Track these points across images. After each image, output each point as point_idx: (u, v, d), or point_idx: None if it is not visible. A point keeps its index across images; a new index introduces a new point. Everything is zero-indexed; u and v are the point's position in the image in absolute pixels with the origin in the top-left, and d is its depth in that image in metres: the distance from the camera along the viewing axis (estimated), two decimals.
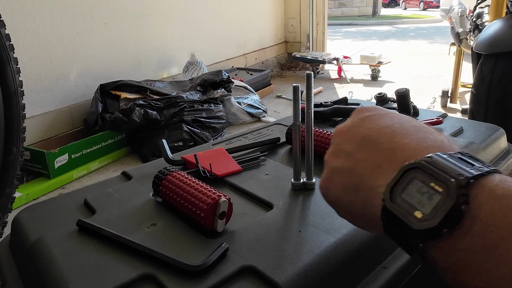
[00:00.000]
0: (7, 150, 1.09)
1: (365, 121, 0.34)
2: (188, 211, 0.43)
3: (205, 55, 2.80)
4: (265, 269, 0.36)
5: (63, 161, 1.68)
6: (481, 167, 0.25)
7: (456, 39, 2.54)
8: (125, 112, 1.85)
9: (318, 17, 3.89)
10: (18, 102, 1.10)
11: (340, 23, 10.22)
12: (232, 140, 0.71)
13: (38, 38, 1.86)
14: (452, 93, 2.63)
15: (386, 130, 0.32)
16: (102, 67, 2.20)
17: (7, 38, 1.05)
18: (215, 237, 0.41)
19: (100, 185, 0.55)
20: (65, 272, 0.37)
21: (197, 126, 2.00)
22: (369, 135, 0.32)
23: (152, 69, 2.53)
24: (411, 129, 0.31)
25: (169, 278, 0.35)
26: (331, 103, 0.82)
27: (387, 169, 0.29)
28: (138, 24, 2.39)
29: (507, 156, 0.69)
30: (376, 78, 3.39)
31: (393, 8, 16.84)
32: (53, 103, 1.96)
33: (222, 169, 0.56)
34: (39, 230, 0.45)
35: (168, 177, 0.47)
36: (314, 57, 3.49)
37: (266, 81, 3.02)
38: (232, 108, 2.32)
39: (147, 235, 0.42)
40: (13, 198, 1.13)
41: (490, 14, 1.62)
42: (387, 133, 0.32)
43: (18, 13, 1.76)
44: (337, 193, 0.33)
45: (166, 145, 0.62)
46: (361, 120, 0.35)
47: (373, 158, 0.31)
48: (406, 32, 8.09)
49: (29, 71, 1.82)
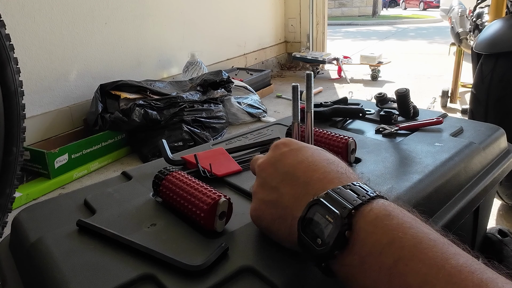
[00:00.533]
0: (7, 150, 1.09)
1: (284, 156, 0.40)
2: (188, 211, 0.43)
3: (205, 55, 2.80)
4: (265, 269, 0.36)
5: (63, 161, 1.68)
6: (364, 196, 0.31)
7: (456, 39, 2.54)
8: (125, 112, 1.85)
9: (318, 17, 3.89)
10: (18, 102, 1.10)
11: (340, 23, 10.22)
12: (232, 140, 0.71)
13: (38, 38, 1.86)
14: (452, 93, 2.63)
15: (302, 165, 0.38)
16: (102, 67, 2.20)
17: (7, 38, 1.05)
18: (215, 237, 0.41)
19: (100, 185, 0.55)
20: (65, 272, 0.37)
21: (197, 126, 2.00)
22: (288, 170, 0.38)
23: (152, 69, 2.53)
24: (322, 162, 0.37)
25: (169, 278, 0.35)
26: (331, 103, 0.82)
27: (304, 201, 0.34)
28: (138, 24, 2.39)
29: (507, 156, 0.69)
30: (376, 78, 3.39)
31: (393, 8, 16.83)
32: (53, 103, 1.96)
33: (222, 169, 0.56)
34: (39, 230, 0.45)
35: (168, 177, 0.47)
36: (314, 57, 3.49)
37: (266, 81, 3.02)
38: (232, 108, 2.32)
39: (147, 235, 0.42)
40: (13, 198, 1.13)
41: (490, 14, 1.62)
42: (303, 168, 0.38)
43: (18, 13, 1.76)
44: (267, 222, 0.39)
45: (166, 145, 0.62)
46: (281, 155, 0.40)
47: (293, 191, 0.37)
48: (406, 32, 8.08)
49: (29, 71, 1.82)
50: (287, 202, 0.37)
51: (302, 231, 0.33)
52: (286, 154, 0.40)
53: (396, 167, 0.56)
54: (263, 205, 0.39)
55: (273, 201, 0.38)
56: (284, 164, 0.39)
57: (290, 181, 0.37)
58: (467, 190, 0.57)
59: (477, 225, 0.69)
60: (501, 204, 1.37)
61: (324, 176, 0.36)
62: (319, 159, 0.38)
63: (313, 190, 0.35)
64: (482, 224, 0.72)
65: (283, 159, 0.40)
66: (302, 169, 0.37)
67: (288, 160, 0.39)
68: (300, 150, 0.40)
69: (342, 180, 0.35)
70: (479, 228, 0.70)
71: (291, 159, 0.39)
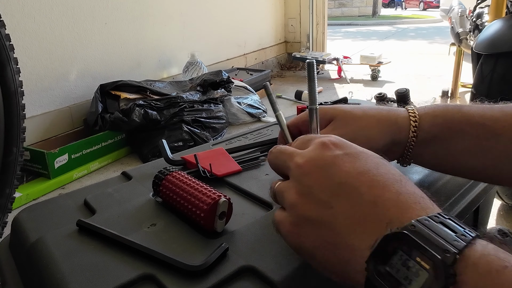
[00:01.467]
0: (7, 150, 1.09)
1: (339, 161, 0.31)
2: (188, 211, 0.43)
3: (205, 55, 2.80)
4: (265, 269, 0.36)
5: (63, 161, 1.68)
6: (464, 234, 0.24)
7: (456, 39, 2.54)
8: (125, 112, 1.85)
9: (318, 17, 3.89)
10: (18, 102, 1.10)
11: (340, 23, 10.22)
12: (232, 140, 0.71)
13: (38, 38, 1.86)
14: (452, 93, 2.63)
15: (365, 177, 0.29)
16: (102, 67, 2.20)
17: (7, 38, 1.05)
18: (215, 237, 0.41)
19: (100, 185, 0.55)
20: (65, 272, 0.37)
21: (197, 126, 2.00)
22: (345, 182, 0.29)
23: (152, 69, 2.53)
24: (392, 178, 0.29)
25: (169, 278, 0.35)
26: (331, 103, 0.82)
27: (369, 228, 0.27)
28: (138, 24, 2.39)
29: None
30: (376, 78, 3.39)
31: (393, 8, 16.84)
32: (53, 103, 1.96)
33: (222, 169, 0.56)
34: (39, 230, 0.45)
35: (168, 177, 0.47)
36: (314, 57, 3.49)
37: (266, 81, 3.01)
38: (232, 108, 2.32)
39: (147, 235, 0.42)
40: (13, 198, 1.13)
41: (490, 14, 1.62)
42: (366, 181, 0.29)
43: (18, 13, 1.76)
44: (311, 247, 0.30)
45: (166, 145, 0.62)
46: (334, 159, 0.31)
47: (353, 212, 0.28)
48: (406, 32, 8.08)
49: (29, 71, 1.82)
50: (343, 225, 0.28)
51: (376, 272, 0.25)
52: (341, 159, 0.31)
53: (396, 167, 0.56)
54: (306, 223, 0.30)
55: (322, 221, 0.29)
56: (340, 172, 0.30)
57: (349, 197, 0.29)
58: (467, 190, 0.57)
59: (477, 225, 0.69)
60: (501, 204, 1.37)
61: (398, 198, 0.27)
62: (387, 172, 0.30)
63: (385, 216, 0.27)
64: (482, 224, 0.72)
65: (338, 164, 0.30)
66: (367, 183, 0.29)
67: (344, 167, 0.30)
68: (359, 156, 0.31)
69: (424, 207, 0.27)
70: (479, 228, 0.70)
71: (349, 167, 0.30)
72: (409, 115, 0.44)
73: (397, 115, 0.44)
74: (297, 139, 0.37)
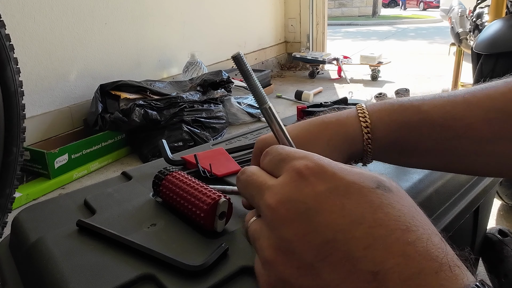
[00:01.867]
0: (7, 150, 1.09)
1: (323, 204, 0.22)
2: (188, 211, 0.43)
3: (205, 55, 2.80)
4: None
5: (63, 161, 1.68)
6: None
7: (456, 39, 2.54)
8: (125, 112, 1.85)
9: (318, 17, 3.89)
10: (18, 102, 1.10)
11: (340, 23, 10.22)
12: (232, 140, 0.71)
13: (38, 38, 1.86)
14: None
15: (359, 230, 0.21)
16: (102, 67, 2.20)
17: (7, 38, 1.05)
18: (215, 237, 0.41)
19: (100, 185, 0.55)
20: (65, 272, 0.37)
21: (197, 126, 2.00)
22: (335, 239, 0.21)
23: (152, 69, 2.53)
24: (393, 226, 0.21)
25: (169, 278, 0.35)
26: (331, 103, 0.82)
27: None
28: (138, 24, 2.39)
29: None
30: (376, 78, 3.39)
31: (393, 8, 16.84)
32: (53, 103, 1.96)
33: (222, 169, 0.56)
34: (39, 230, 0.45)
35: (168, 177, 0.47)
36: (314, 57, 3.49)
37: (266, 81, 3.02)
38: (232, 108, 2.32)
39: (147, 235, 0.42)
40: (13, 198, 1.13)
41: (490, 14, 1.62)
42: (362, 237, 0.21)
43: (18, 13, 1.76)
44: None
45: (166, 145, 0.62)
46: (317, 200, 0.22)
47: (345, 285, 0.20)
48: (406, 32, 8.09)
49: (29, 71, 1.82)
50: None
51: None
52: (326, 199, 0.22)
53: (396, 167, 0.56)
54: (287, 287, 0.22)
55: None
56: (326, 224, 0.22)
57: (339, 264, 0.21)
58: (467, 190, 0.57)
59: (477, 225, 0.69)
60: (501, 204, 1.37)
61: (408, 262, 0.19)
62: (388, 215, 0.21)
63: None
64: (482, 224, 0.72)
65: (323, 210, 0.22)
66: (362, 240, 0.21)
67: (331, 214, 0.22)
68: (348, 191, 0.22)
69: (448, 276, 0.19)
70: (479, 228, 0.70)
71: (337, 214, 0.22)
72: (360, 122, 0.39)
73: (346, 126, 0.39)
74: (265, 153, 0.28)
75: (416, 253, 0.20)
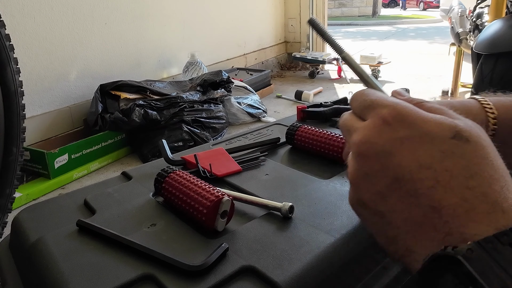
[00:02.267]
0: (7, 150, 1.09)
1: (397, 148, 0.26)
2: (190, 208, 0.43)
3: (205, 55, 2.80)
4: (265, 269, 0.36)
5: (63, 161, 1.68)
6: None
7: (456, 39, 2.54)
8: (125, 112, 1.85)
9: (318, 17, 3.89)
10: (18, 102, 1.10)
11: (340, 23, 10.22)
12: (232, 140, 0.71)
13: (38, 38, 1.86)
14: (452, 93, 2.63)
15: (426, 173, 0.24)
16: (102, 67, 2.20)
17: (7, 38, 1.05)
18: (215, 237, 0.41)
19: (100, 185, 0.55)
20: (65, 272, 0.37)
21: (197, 126, 2.00)
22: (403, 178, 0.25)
23: (152, 69, 2.53)
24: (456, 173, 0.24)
25: (169, 278, 0.35)
26: (331, 103, 0.82)
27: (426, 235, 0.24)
28: (138, 24, 2.39)
29: None
30: (376, 78, 3.39)
31: (393, 8, 16.84)
32: (53, 103, 1.96)
33: (222, 169, 0.56)
34: (39, 230, 0.45)
35: (171, 175, 0.47)
36: (314, 57, 3.49)
37: (266, 81, 3.02)
38: (232, 108, 2.32)
39: (147, 235, 0.42)
40: (13, 198, 1.13)
41: (490, 14, 1.62)
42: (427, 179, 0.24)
43: (18, 13, 1.76)
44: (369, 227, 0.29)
45: (166, 145, 0.62)
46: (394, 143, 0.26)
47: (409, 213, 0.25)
48: (406, 32, 8.08)
49: (29, 71, 1.82)
50: (399, 220, 0.26)
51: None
52: (401, 145, 0.25)
53: None
54: (364, 207, 0.28)
55: (377, 211, 0.27)
56: (397, 165, 0.25)
57: (405, 197, 0.25)
58: None
59: None
60: None
61: (464, 203, 0.23)
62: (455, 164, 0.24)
63: (444, 226, 0.23)
64: None
65: (396, 154, 0.25)
66: (427, 182, 0.24)
67: (403, 158, 0.25)
68: (423, 140, 0.25)
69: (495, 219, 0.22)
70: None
71: (408, 158, 0.25)
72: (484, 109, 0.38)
73: (471, 106, 0.38)
74: (353, 98, 0.31)
75: (473, 197, 0.23)
